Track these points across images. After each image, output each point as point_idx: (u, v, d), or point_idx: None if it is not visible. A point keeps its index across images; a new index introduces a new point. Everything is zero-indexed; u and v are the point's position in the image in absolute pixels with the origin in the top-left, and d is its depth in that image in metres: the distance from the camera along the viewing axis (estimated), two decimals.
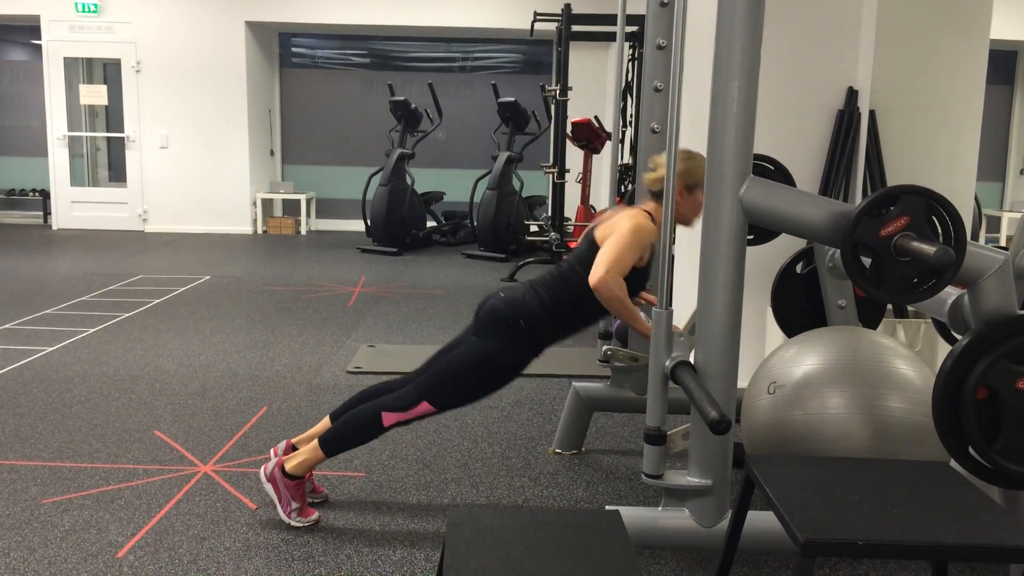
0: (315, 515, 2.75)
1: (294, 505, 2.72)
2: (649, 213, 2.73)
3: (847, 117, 3.78)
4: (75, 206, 10.09)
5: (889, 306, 3.49)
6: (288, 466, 2.72)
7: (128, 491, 2.97)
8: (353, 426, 2.72)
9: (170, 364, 4.55)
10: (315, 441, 2.73)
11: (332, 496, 2.96)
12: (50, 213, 10.25)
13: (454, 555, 1.55)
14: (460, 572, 1.49)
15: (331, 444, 2.72)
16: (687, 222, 2.80)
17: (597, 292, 2.61)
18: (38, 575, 2.40)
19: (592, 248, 2.70)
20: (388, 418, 2.69)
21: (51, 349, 4.78)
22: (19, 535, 2.64)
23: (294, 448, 2.87)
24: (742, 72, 2.16)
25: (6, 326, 5.29)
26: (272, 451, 2.89)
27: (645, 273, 2.77)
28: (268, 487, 2.74)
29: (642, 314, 2.80)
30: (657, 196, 2.75)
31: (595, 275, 2.60)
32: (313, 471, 2.89)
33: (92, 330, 5.24)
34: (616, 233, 2.65)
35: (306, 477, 2.77)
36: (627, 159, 7.97)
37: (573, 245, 7.52)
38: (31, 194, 10.70)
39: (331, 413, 2.89)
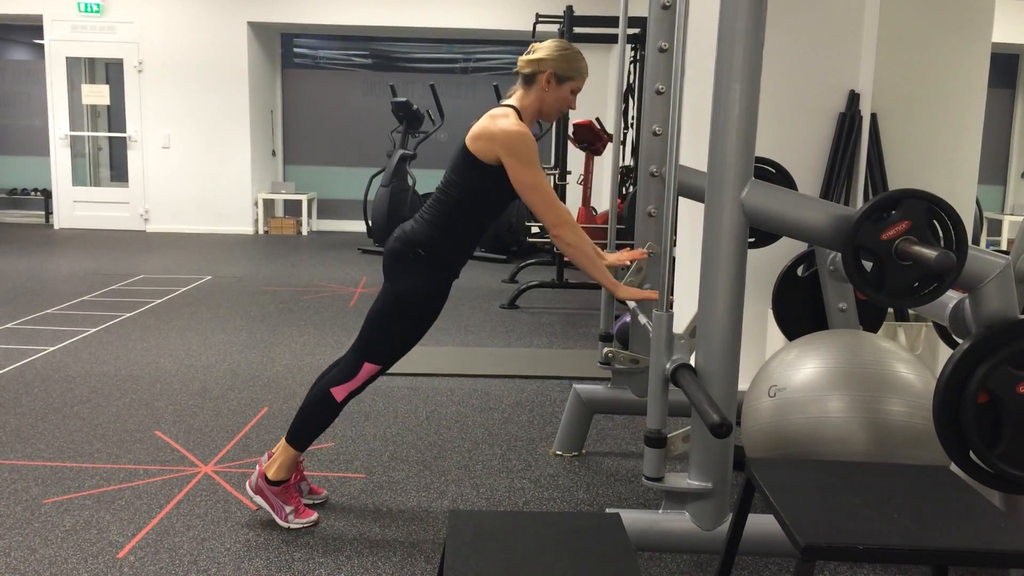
0: (314, 515, 2.75)
1: (288, 509, 2.72)
2: (515, 109, 2.65)
3: (848, 120, 3.78)
4: (77, 206, 10.10)
5: (890, 310, 3.49)
6: (269, 473, 2.73)
7: (129, 491, 2.98)
8: (309, 412, 2.73)
9: (171, 364, 4.55)
10: (283, 441, 2.75)
11: (332, 498, 2.96)
12: (52, 212, 10.26)
13: (454, 558, 1.55)
14: (460, 574, 1.49)
15: (296, 437, 2.73)
16: (548, 116, 2.72)
17: (557, 240, 2.61)
18: (39, 575, 2.41)
19: (466, 156, 2.63)
20: (339, 392, 2.69)
21: (52, 349, 4.78)
22: (20, 535, 2.64)
23: None
24: (744, 75, 2.16)
25: (7, 325, 5.29)
26: (257, 466, 2.87)
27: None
28: (259, 500, 2.74)
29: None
30: (527, 81, 2.68)
31: (552, 228, 2.60)
32: (304, 472, 2.89)
33: (93, 330, 5.24)
34: (513, 158, 2.55)
35: (292, 480, 2.76)
36: (628, 161, 7.97)
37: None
38: (33, 193, 10.72)
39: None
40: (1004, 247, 9.72)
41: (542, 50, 2.66)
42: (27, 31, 10.81)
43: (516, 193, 2.64)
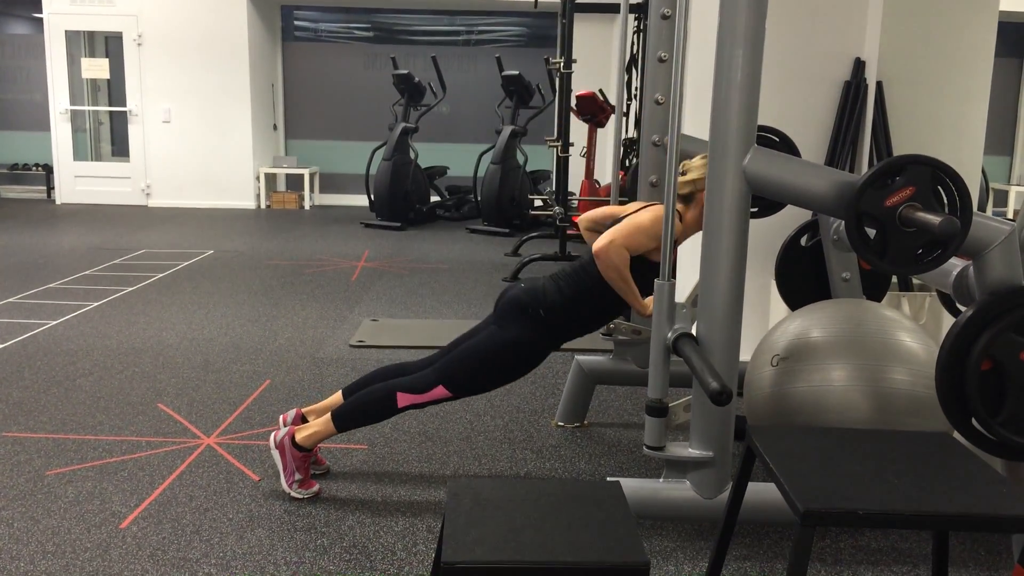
0: (316, 487, 2.76)
1: (297, 476, 2.73)
2: (678, 212, 2.71)
3: (854, 88, 3.74)
4: (78, 180, 10.08)
5: (894, 279, 3.47)
6: (299, 436, 2.73)
7: (132, 463, 2.99)
8: (367, 403, 2.72)
9: (173, 338, 4.56)
10: (327, 415, 2.74)
11: (334, 468, 2.97)
12: (53, 188, 10.24)
13: (454, 525, 1.55)
14: (460, 542, 1.49)
15: (344, 419, 2.73)
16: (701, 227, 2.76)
17: (597, 258, 2.61)
18: (42, 545, 2.42)
19: None
20: (403, 399, 2.70)
21: (55, 323, 4.79)
22: (23, 506, 2.65)
23: (303, 418, 2.88)
24: (746, 41, 2.13)
25: (10, 300, 5.30)
26: (281, 418, 2.90)
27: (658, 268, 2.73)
28: (275, 454, 2.75)
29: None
30: (684, 199, 2.73)
31: (599, 242, 2.61)
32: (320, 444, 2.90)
33: (96, 304, 5.24)
34: (636, 217, 2.66)
35: (314, 450, 2.77)
36: (632, 133, 7.92)
37: (577, 219, 7.48)
38: (34, 168, 10.69)
39: (344, 388, 2.90)
40: (1011, 218, 9.67)
41: (696, 170, 2.68)
42: (26, 4, 10.72)
43: (649, 287, 2.67)
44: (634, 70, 7.67)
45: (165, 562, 2.34)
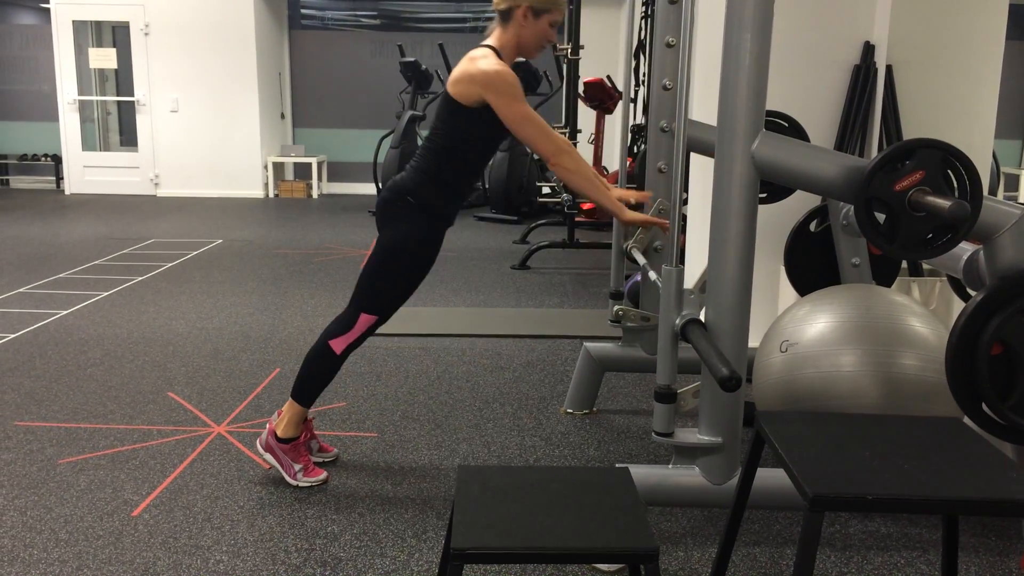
0: (323, 474, 2.77)
1: (297, 467, 2.74)
2: (494, 48, 2.61)
3: (863, 72, 3.71)
4: (87, 171, 10.11)
5: (904, 264, 3.46)
6: (278, 431, 2.76)
7: (143, 451, 3.00)
8: (311, 366, 2.74)
9: (183, 327, 4.57)
10: (289, 399, 2.77)
11: (344, 456, 2.98)
12: (62, 178, 10.27)
13: (464, 511, 1.55)
14: (470, 528, 1.50)
15: (300, 392, 2.75)
16: (529, 52, 2.67)
17: (557, 169, 2.58)
18: (55, 533, 2.44)
19: (448, 102, 2.60)
20: (337, 344, 2.71)
21: (65, 312, 4.81)
22: (36, 494, 2.67)
23: None
24: (754, 24, 2.11)
25: (20, 290, 5.32)
26: (267, 424, 2.89)
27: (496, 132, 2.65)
28: (268, 457, 2.77)
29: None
30: (503, 18, 2.62)
31: (551, 158, 2.56)
32: (314, 431, 2.91)
33: (105, 294, 5.26)
34: (497, 96, 2.51)
35: (301, 438, 2.78)
36: (639, 119, 7.89)
37: (585, 207, 7.47)
38: (43, 159, 10.72)
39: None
40: (1022, 202, 9.60)
41: None
42: None
43: (502, 133, 2.62)
44: (642, 56, 7.63)
45: (177, 549, 2.36)
